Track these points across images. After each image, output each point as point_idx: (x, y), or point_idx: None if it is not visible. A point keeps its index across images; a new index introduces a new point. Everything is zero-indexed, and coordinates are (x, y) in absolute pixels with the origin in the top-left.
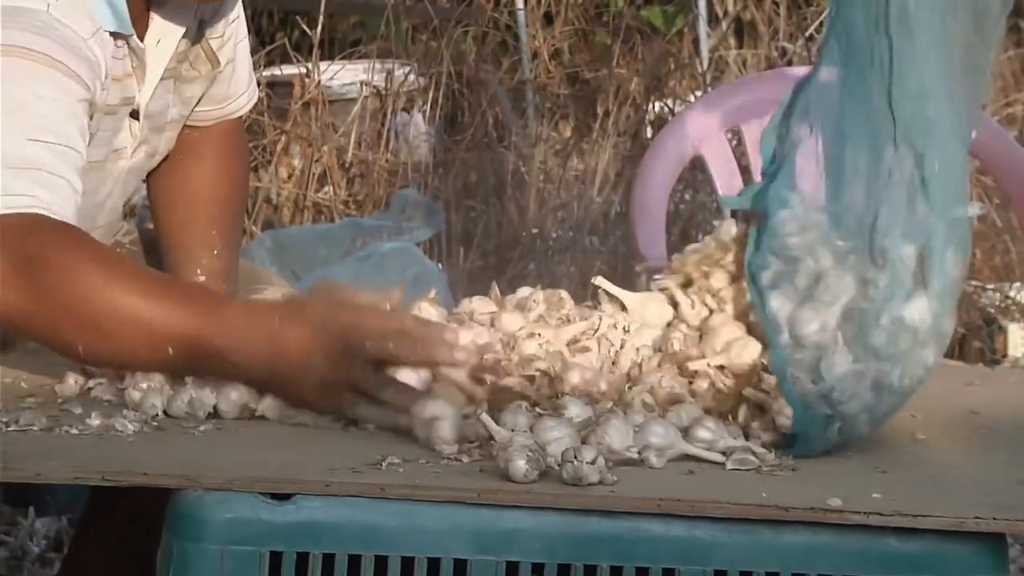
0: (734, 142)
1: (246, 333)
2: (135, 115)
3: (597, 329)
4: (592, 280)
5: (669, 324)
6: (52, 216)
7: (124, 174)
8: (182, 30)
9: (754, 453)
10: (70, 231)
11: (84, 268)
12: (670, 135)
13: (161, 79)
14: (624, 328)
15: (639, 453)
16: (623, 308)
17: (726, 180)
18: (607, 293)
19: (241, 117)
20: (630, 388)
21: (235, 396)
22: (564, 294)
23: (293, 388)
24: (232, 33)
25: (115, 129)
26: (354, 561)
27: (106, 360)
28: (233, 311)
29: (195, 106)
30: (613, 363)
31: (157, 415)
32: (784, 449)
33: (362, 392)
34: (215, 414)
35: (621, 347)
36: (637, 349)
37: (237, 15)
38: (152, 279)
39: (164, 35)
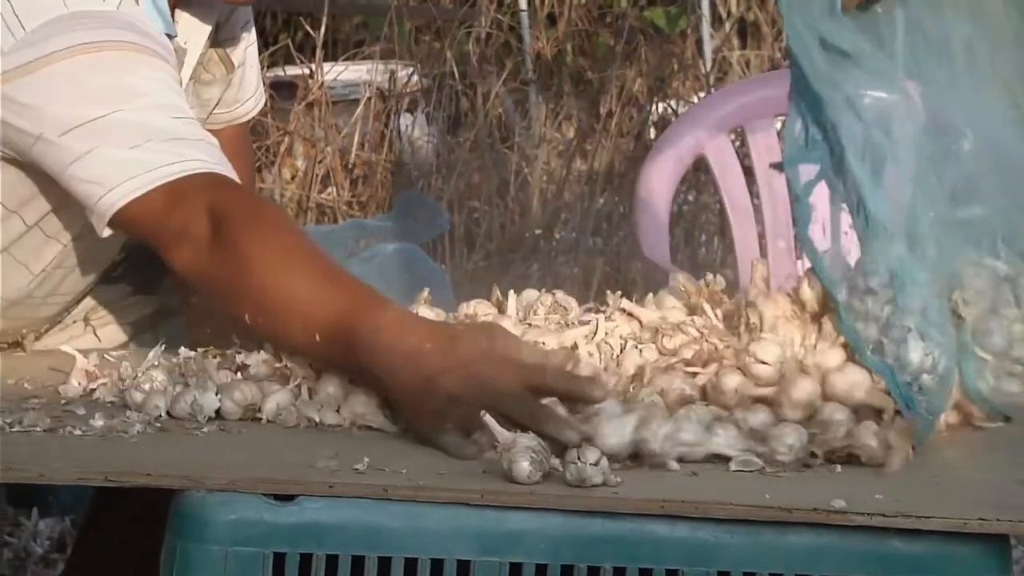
0: (737, 143)
1: (392, 343)
2: None
3: (595, 334)
4: (614, 299)
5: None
6: (229, 176)
7: None
8: (207, 30)
9: (758, 454)
10: (249, 196)
11: (261, 242)
12: (673, 136)
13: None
14: (636, 346)
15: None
16: (633, 317)
17: (729, 181)
18: (622, 310)
19: (248, 121)
20: (634, 389)
21: (238, 396)
22: (573, 303)
23: (412, 405)
24: (243, 37)
25: None
26: (357, 562)
27: (265, 335)
28: (388, 317)
29: (212, 109)
30: (617, 364)
31: (160, 416)
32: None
33: (465, 429)
34: (219, 415)
35: (623, 349)
36: (640, 350)
37: (247, 19)
38: (322, 265)
39: (191, 35)
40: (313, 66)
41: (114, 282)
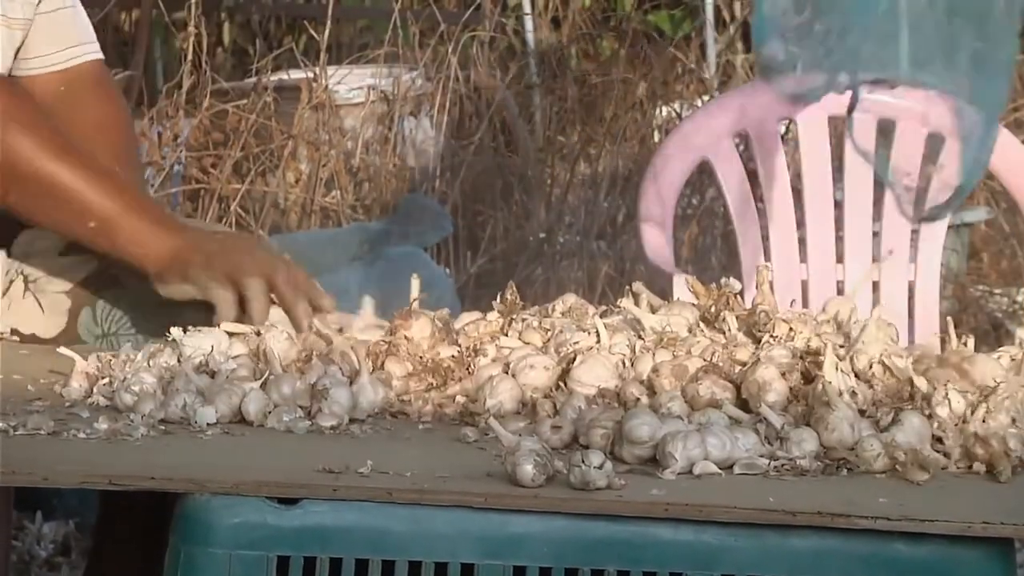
0: (741, 147)
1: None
2: None
3: (595, 346)
4: (619, 302)
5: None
6: None
7: None
8: None
9: (775, 458)
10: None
11: (19, 130)
12: (677, 140)
13: None
14: (640, 348)
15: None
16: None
17: (733, 185)
18: (629, 312)
19: (100, 64)
20: (654, 395)
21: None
22: (591, 309)
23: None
24: None
25: None
26: (361, 565)
27: (32, 217)
28: (146, 215)
29: (26, 25)
30: (633, 372)
31: (160, 419)
32: None
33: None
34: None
35: (635, 353)
36: (653, 354)
37: None
38: (81, 160)
39: None
40: (317, 70)
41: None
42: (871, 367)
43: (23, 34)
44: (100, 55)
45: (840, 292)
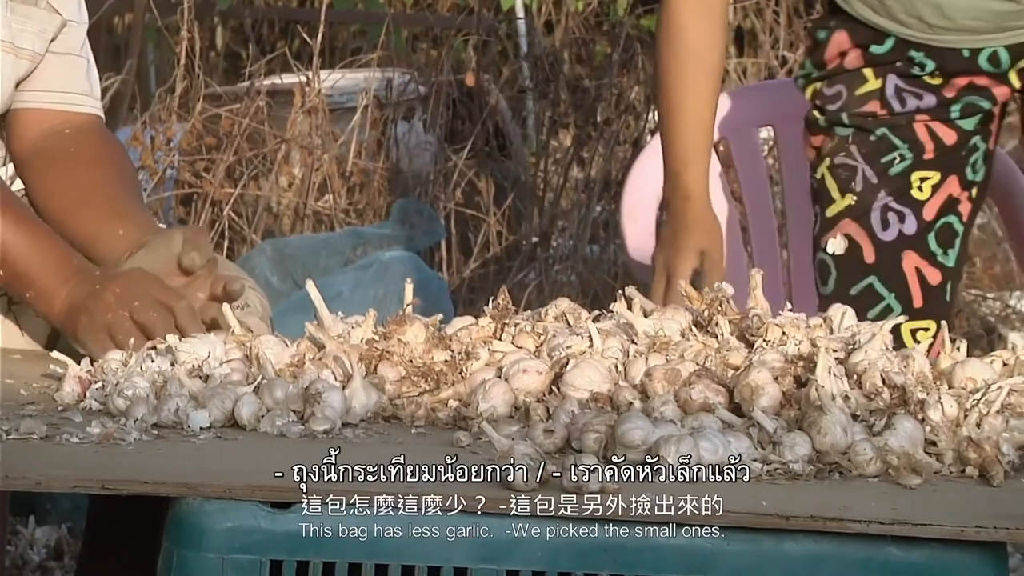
0: (722, 150)
1: (77, 324)
2: None
3: (588, 350)
4: (612, 306)
5: (683, 335)
6: None
7: None
8: None
9: (769, 463)
10: None
11: None
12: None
13: None
14: (633, 352)
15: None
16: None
17: (716, 188)
18: (622, 316)
19: (103, 122)
20: (647, 399)
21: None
22: (584, 313)
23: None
24: (81, 21)
25: None
26: (355, 570)
27: None
28: (69, 300)
29: (36, 59)
30: (625, 376)
31: (154, 423)
32: None
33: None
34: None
35: (627, 357)
36: (646, 358)
37: (84, 21)
38: (36, 234)
39: None
40: (310, 74)
41: None
42: (865, 371)
43: (30, 65)
44: (102, 114)
45: None
